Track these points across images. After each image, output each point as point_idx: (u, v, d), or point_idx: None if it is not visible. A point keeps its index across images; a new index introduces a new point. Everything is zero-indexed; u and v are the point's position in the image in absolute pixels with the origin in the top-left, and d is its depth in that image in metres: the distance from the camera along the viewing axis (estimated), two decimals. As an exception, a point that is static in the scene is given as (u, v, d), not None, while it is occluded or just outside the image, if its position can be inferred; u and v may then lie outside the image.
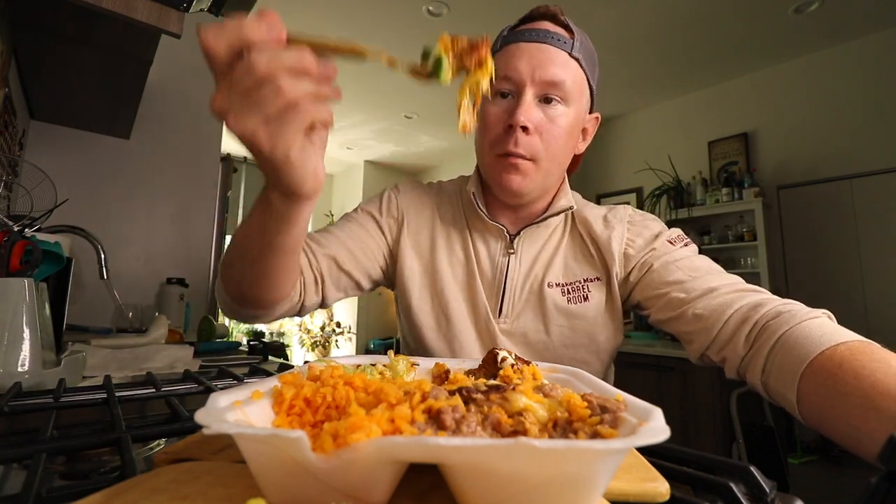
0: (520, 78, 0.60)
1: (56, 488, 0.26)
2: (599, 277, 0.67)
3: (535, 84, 0.60)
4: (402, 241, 0.71)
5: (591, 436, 0.21)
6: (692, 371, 2.17)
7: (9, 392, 0.48)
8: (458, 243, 0.71)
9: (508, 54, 0.62)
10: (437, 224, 0.72)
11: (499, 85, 0.61)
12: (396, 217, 0.73)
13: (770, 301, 0.53)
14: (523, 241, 0.69)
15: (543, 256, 0.69)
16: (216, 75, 0.32)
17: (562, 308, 0.66)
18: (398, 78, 4.00)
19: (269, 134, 0.32)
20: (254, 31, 0.31)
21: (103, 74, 1.22)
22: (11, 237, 0.64)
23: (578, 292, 0.66)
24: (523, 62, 0.60)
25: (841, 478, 2.72)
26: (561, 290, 0.67)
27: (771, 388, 0.49)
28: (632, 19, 3.12)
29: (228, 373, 0.66)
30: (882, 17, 3.05)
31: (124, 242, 1.84)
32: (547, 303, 0.66)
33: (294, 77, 0.31)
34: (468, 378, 0.34)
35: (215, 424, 0.18)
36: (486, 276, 0.69)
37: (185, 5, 0.84)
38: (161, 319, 1.17)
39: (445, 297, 0.68)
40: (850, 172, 3.25)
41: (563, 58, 0.61)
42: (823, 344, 0.44)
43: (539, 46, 0.61)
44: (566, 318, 0.66)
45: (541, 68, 0.60)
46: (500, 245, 0.70)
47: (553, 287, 0.67)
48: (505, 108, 0.61)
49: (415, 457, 0.18)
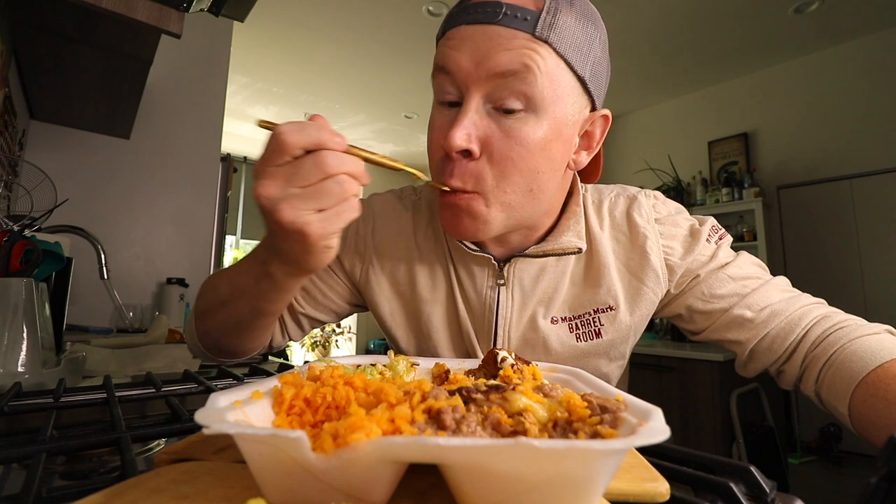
0: (461, 77, 0.44)
1: (56, 488, 0.26)
2: (614, 307, 0.55)
3: (482, 84, 0.44)
4: (371, 279, 0.60)
5: (591, 436, 0.21)
6: (692, 371, 2.17)
7: (9, 392, 0.48)
8: (440, 275, 0.58)
9: (447, 44, 0.45)
10: (414, 254, 0.59)
11: (437, 86, 0.47)
12: (362, 252, 0.61)
13: (833, 315, 0.52)
14: (515, 269, 0.55)
15: (543, 285, 0.55)
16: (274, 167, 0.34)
17: (569, 346, 0.55)
18: (398, 78, 4.00)
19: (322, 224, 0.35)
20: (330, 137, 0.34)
21: (103, 74, 1.22)
22: (11, 237, 0.64)
23: (589, 327, 0.55)
24: (464, 54, 0.43)
25: (841, 478, 2.72)
26: (568, 326, 0.55)
27: (824, 398, 0.49)
28: (632, 19, 3.12)
29: (228, 373, 0.66)
30: (882, 17, 3.05)
31: (124, 242, 1.84)
32: (550, 342, 0.54)
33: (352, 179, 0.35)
34: (468, 378, 0.34)
35: (215, 424, 0.18)
36: (475, 313, 0.56)
37: (185, 5, 0.84)
38: (161, 319, 1.17)
39: (433, 340, 0.58)
40: (850, 172, 3.25)
41: (520, 42, 0.42)
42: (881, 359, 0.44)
43: (486, 29, 0.43)
44: (576, 358, 0.55)
45: (487, 60, 0.42)
46: (486, 274, 0.56)
47: (558, 322, 0.55)
48: (448, 120, 0.46)
49: (415, 457, 0.18)
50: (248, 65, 3.80)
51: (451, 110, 0.47)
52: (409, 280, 0.59)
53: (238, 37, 3.14)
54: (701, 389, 2.14)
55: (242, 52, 3.51)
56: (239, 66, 3.74)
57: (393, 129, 5.19)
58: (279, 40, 3.47)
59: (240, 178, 6.14)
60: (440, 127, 0.47)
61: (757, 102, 3.74)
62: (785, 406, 2.92)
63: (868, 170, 3.18)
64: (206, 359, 0.59)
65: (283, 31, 3.35)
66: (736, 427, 1.96)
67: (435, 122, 0.49)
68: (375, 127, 5.12)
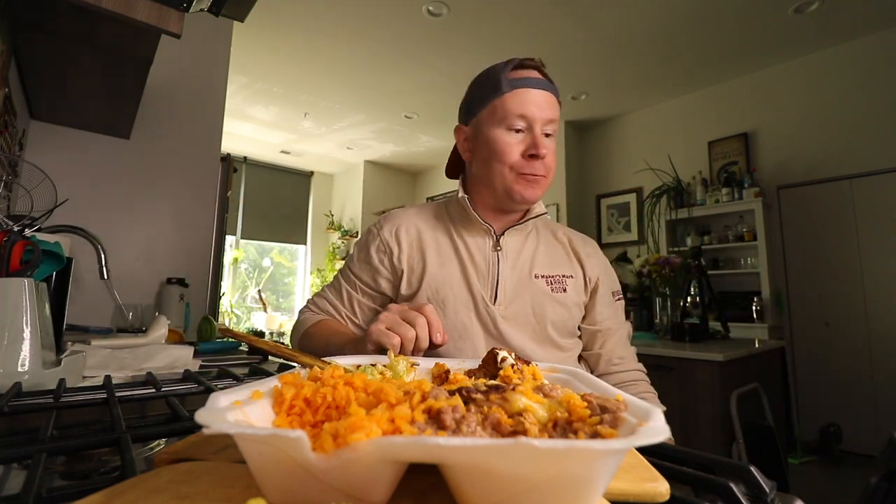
0: (533, 119, 0.75)
1: (56, 488, 0.26)
2: (573, 276, 0.83)
3: (542, 123, 0.75)
4: (396, 263, 0.82)
5: (591, 436, 0.21)
6: (692, 371, 2.17)
7: (9, 392, 0.48)
8: (446, 245, 0.83)
9: (518, 98, 0.75)
10: (422, 235, 0.84)
11: (513, 122, 0.75)
12: (385, 250, 0.83)
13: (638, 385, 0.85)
14: (508, 240, 0.82)
15: (526, 252, 0.83)
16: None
17: (547, 294, 0.80)
18: (398, 78, 4.00)
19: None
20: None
21: (103, 74, 1.22)
22: (11, 237, 0.64)
23: (559, 284, 0.81)
24: (535, 107, 0.75)
25: (841, 478, 2.72)
26: (545, 281, 0.81)
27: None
28: (632, 19, 3.12)
29: (228, 373, 0.66)
30: (882, 17, 3.05)
31: (124, 242, 1.84)
32: (535, 289, 0.80)
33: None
34: (468, 378, 0.34)
35: (215, 424, 0.18)
36: (481, 269, 0.80)
37: (185, 5, 0.84)
38: (161, 319, 1.17)
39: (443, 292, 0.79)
40: (850, 172, 3.25)
41: (554, 101, 0.77)
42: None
43: (542, 93, 0.76)
44: (552, 303, 0.79)
45: (547, 110, 0.75)
46: (488, 243, 0.82)
47: (539, 278, 0.80)
48: (520, 140, 0.75)
49: (415, 457, 0.18)
50: (248, 65, 3.80)
51: (518, 135, 0.75)
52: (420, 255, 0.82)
53: (238, 37, 3.14)
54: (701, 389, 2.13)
55: (242, 52, 3.51)
56: (239, 66, 3.73)
57: (393, 129, 5.19)
58: (279, 40, 3.47)
59: (240, 178, 6.13)
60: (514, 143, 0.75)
61: (757, 102, 3.74)
62: (785, 406, 2.92)
63: (868, 170, 3.18)
64: None
65: (283, 31, 3.35)
66: (736, 427, 1.96)
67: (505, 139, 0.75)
68: (375, 127, 5.12)
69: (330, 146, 5.75)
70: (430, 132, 5.25)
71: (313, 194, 6.80)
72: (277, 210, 6.45)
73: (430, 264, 0.80)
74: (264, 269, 6.43)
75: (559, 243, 0.88)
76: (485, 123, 0.77)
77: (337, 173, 6.90)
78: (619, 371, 0.85)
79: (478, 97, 0.79)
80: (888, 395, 2.98)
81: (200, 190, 2.06)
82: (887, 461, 0.18)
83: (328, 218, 6.73)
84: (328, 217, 6.73)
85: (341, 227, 6.49)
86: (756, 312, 3.43)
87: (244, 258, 6.21)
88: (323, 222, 6.74)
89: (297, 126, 5.15)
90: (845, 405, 3.15)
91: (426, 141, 5.52)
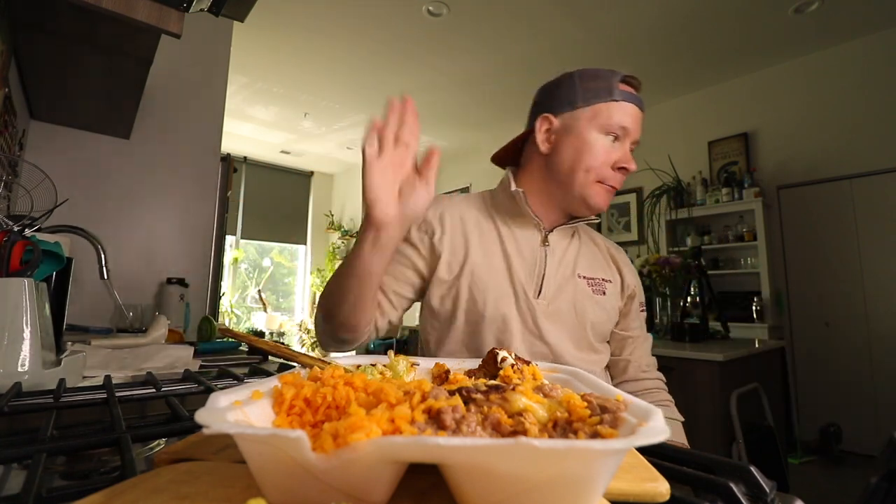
0: (629, 132, 0.77)
1: (56, 488, 0.26)
2: (612, 281, 0.84)
3: (633, 140, 0.78)
4: (436, 244, 0.79)
5: (591, 436, 0.21)
6: (692, 371, 2.17)
7: (9, 392, 0.48)
8: (491, 235, 0.81)
9: (625, 111, 0.76)
10: (466, 223, 0.82)
11: (614, 130, 0.76)
12: (427, 230, 0.81)
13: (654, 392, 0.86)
14: (555, 237, 0.82)
15: (570, 252, 0.83)
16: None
17: (589, 296, 0.80)
18: (398, 78, 4.00)
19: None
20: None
21: (103, 74, 1.22)
22: (11, 237, 0.64)
23: (599, 286, 0.82)
24: (634, 122, 0.77)
25: (841, 478, 2.72)
26: (587, 282, 0.81)
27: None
28: (632, 19, 3.12)
29: (228, 373, 0.66)
30: (882, 17, 3.05)
31: (124, 242, 1.84)
32: (578, 289, 0.80)
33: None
34: (468, 378, 0.34)
35: (215, 424, 0.18)
36: (528, 262, 0.79)
37: (185, 5, 0.84)
38: (161, 319, 1.17)
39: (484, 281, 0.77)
40: (850, 172, 3.25)
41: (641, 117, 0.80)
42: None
43: (640, 114, 0.79)
44: (592, 304, 0.80)
45: (639, 131, 0.79)
46: (537, 238, 0.82)
47: (581, 278, 0.81)
48: (610, 148, 0.76)
49: (415, 457, 0.18)
50: (248, 65, 3.80)
51: (612, 142, 0.76)
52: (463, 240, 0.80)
53: (238, 37, 3.13)
54: (701, 389, 2.13)
55: (242, 52, 3.51)
56: (239, 66, 3.73)
57: (393, 129, 5.18)
58: (279, 40, 3.47)
59: (240, 178, 6.14)
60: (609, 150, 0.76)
61: (757, 102, 3.74)
62: (785, 406, 2.92)
63: (868, 170, 3.18)
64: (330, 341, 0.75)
65: (283, 31, 3.35)
66: (736, 427, 1.96)
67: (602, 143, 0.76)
68: (375, 127, 5.12)
69: (330, 146, 5.76)
70: (430, 132, 5.25)
71: (313, 194, 6.80)
72: (277, 210, 6.45)
73: (473, 252, 0.79)
74: (264, 269, 6.43)
75: (598, 248, 0.89)
76: (583, 122, 0.76)
77: (337, 173, 6.90)
78: (646, 378, 0.87)
79: (581, 94, 0.77)
80: (888, 395, 2.98)
81: (200, 190, 2.06)
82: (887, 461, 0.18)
83: (328, 218, 6.73)
84: (328, 217, 6.74)
85: (341, 227, 6.49)
86: (756, 312, 3.43)
87: (244, 258, 6.22)
88: (323, 222, 6.74)
89: (297, 126, 5.15)
90: (845, 405, 3.14)
91: (426, 141, 5.52)
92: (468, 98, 4.36)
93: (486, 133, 5.20)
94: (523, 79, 3.92)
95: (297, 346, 6.04)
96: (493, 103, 4.42)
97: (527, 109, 0.86)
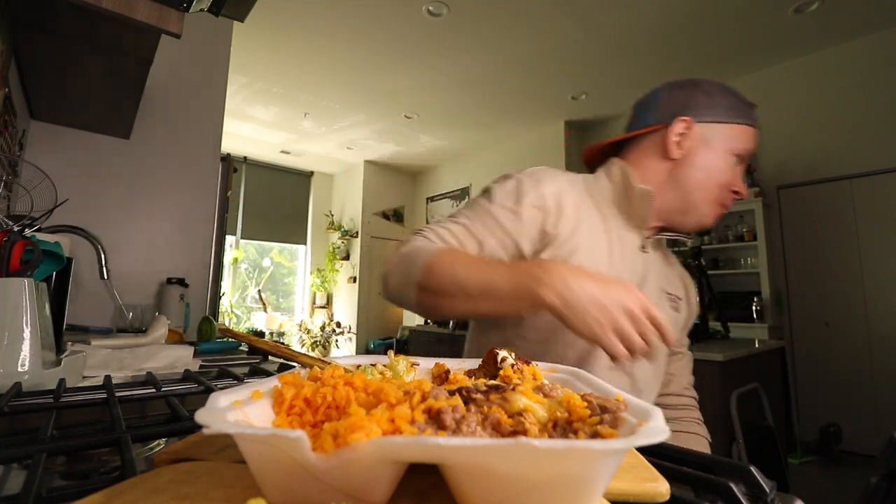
0: (747, 160, 0.76)
1: (56, 488, 0.26)
2: (682, 299, 0.83)
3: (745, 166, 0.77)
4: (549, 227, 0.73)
5: (591, 436, 0.21)
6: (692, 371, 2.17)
7: (9, 392, 0.48)
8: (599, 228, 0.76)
9: (755, 138, 0.76)
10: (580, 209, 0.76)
11: (741, 153, 0.74)
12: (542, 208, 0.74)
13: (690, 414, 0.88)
14: (651, 246, 0.80)
15: (661, 264, 0.83)
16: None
17: (667, 310, 0.79)
18: (398, 78, 4.00)
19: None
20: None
21: (103, 74, 1.22)
22: (11, 237, 0.64)
23: (675, 304, 0.81)
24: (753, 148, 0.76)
25: (841, 478, 2.72)
26: (668, 298, 0.80)
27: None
28: (632, 19, 3.12)
29: (228, 373, 0.66)
30: (882, 17, 3.05)
31: (124, 242, 1.84)
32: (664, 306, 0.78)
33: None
34: (468, 378, 0.34)
35: (215, 424, 0.18)
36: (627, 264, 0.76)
37: (185, 5, 0.84)
38: (161, 319, 1.17)
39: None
40: (850, 172, 3.26)
41: None
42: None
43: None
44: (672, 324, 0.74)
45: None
46: (636, 242, 0.78)
47: (665, 294, 0.80)
48: (734, 171, 0.75)
49: (415, 457, 0.18)
50: (248, 65, 3.80)
51: (735, 166, 0.74)
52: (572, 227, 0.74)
53: (238, 37, 3.14)
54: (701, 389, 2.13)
55: (242, 52, 3.51)
56: (239, 66, 3.73)
57: (393, 129, 5.19)
58: (279, 40, 3.47)
59: (240, 178, 6.14)
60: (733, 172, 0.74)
61: (757, 102, 3.73)
62: (785, 406, 2.92)
63: (868, 170, 3.18)
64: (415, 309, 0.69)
65: (283, 31, 3.35)
66: (736, 427, 1.96)
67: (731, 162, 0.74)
68: (375, 127, 5.12)
69: (330, 146, 5.75)
70: (431, 132, 5.25)
71: (313, 194, 6.80)
72: (277, 210, 6.45)
73: (582, 244, 0.73)
74: (264, 269, 6.43)
75: (671, 265, 0.87)
76: (720, 137, 0.73)
77: (337, 173, 6.90)
78: (687, 395, 0.90)
79: (724, 109, 0.74)
80: (888, 395, 2.98)
81: (200, 190, 2.06)
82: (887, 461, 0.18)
83: (328, 218, 6.73)
84: (328, 217, 6.74)
85: (341, 227, 6.49)
86: (756, 312, 3.43)
87: (244, 258, 6.22)
88: (323, 222, 6.74)
89: (297, 126, 5.15)
90: (845, 405, 3.15)
91: (426, 141, 5.52)
92: (468, 98, 4.36)
93: (487, 133, 5.20)
94: (523, 79, 3.92)
95: (297, 346, 6.04)
96: (493, 103, 4.42)
97: (527, 109, 0.86)
